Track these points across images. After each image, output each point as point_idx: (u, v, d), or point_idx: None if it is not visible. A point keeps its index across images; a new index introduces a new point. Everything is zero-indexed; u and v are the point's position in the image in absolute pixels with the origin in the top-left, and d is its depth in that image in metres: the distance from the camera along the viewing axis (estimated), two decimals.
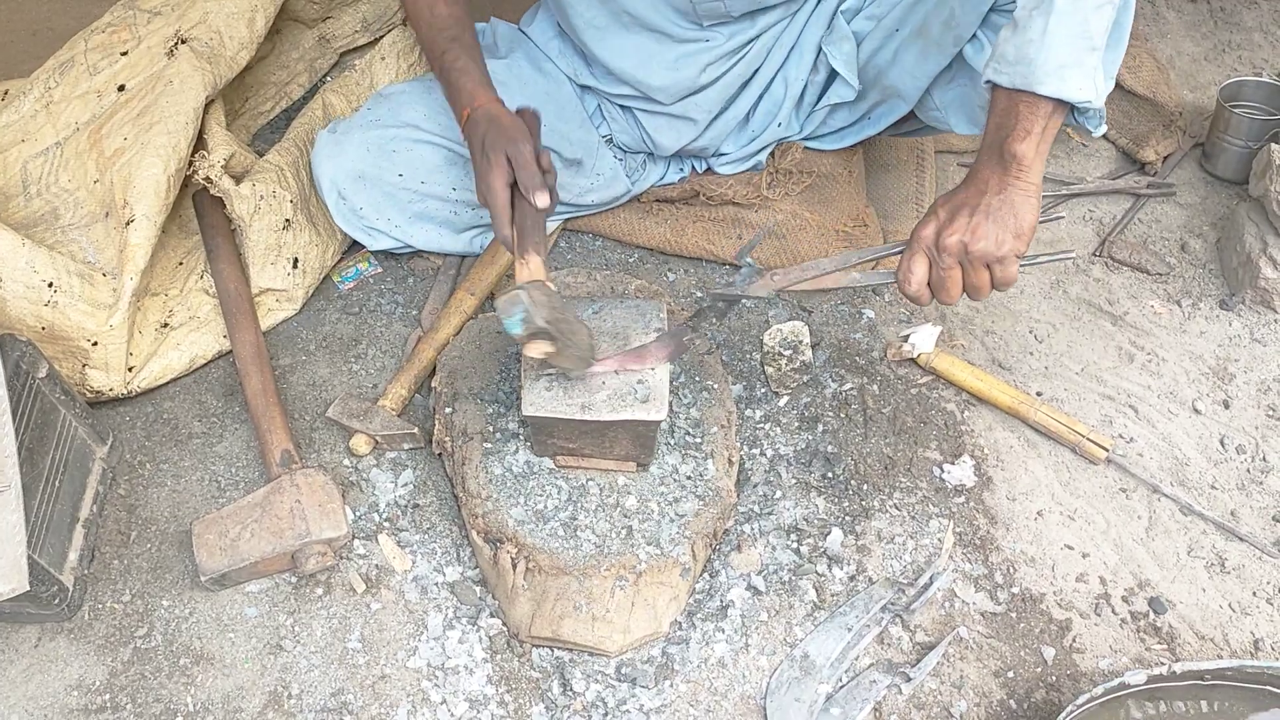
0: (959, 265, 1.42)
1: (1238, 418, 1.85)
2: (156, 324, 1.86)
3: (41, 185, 1.92)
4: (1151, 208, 2.24)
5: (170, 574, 1.62)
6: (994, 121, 1.42)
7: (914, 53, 1.79)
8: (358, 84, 2.22)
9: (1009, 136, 1.38)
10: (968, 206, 1.40)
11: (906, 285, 1.46)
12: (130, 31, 2.01)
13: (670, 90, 1.91)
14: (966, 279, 1.44)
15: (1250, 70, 2.60)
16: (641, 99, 1.96)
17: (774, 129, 2.06)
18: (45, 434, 1.56)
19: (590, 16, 1.85)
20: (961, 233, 1.39)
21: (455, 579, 1.61)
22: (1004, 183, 1.39)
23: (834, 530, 1.65)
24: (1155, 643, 1.57)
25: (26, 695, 1.49)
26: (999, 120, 1.41)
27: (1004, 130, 1.39)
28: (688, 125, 2.00)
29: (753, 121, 2.06)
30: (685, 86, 1.91)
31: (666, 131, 2.01)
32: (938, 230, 1.42)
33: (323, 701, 1.48)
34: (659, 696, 1.47)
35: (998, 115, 1.41)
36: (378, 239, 1.96)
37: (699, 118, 1.98)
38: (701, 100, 1.95)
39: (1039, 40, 1.35)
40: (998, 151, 1.40)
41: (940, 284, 1.44)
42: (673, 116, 1.98)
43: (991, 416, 1.83)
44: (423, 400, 1.85)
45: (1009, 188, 1.39)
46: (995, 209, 1.39)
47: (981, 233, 1.39)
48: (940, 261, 1.42)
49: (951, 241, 1.40)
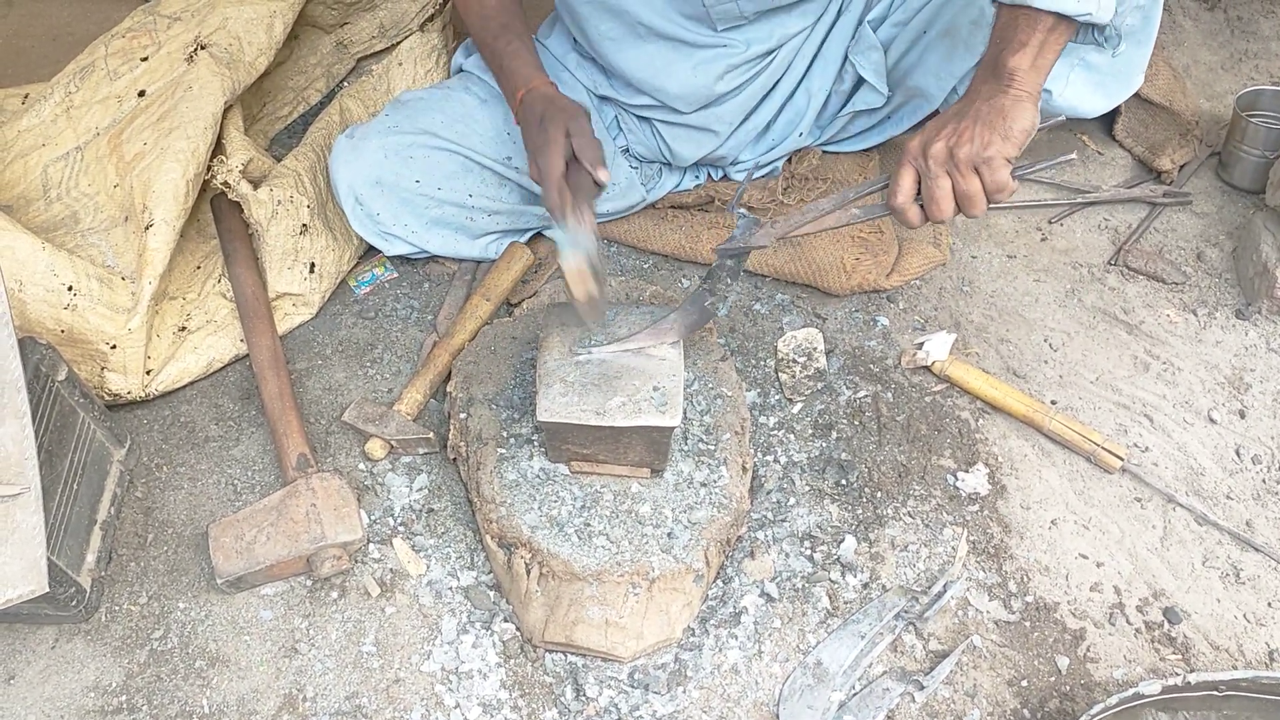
0: (947, 174, 1.38)
1: (1253, 427, 1.84)
2: (174, 327, 1.87)
3: (62, 189, 1.93)
4: (1167, 216, 2.23)
5: (186, 576, 1.63)
6: (993, 38, 1.40)
7: (940, 53, 1.79)
8: (375, 89, 2.23)
9: (1004, 49, 1.37)
10: (955, 116, 1.38)
11: (893, 198, 1.42)
12: (150, 37, 2.03)
13: (688, 98, 1.92)
14: (956, 187, 1.38)
15: (1267, 79, 2.59)
16: (661, 109, 1.96)
17: (794, 139, 2.06)
18: (64, 436, 1.57)
19: (605, 29, 1.86)
20: (947, 138, 1.36)
21: (469, 584, 1.61)
22: (994, 90, 1.37)
23: (848, 537, 1.65)
24: (1170, 653, 1.56)
25: (44, 696, 1.50)
26: (997, 35, 1.39)
27: (1000, 44, 1.38)
28: (709, 136, 2.00)
29: (772, 131, 2.06)
30: (703, 94, 1.91)
31: (686, 142, 2.02)
32: (925, 140, 1.38)
33: (337, 705, 1.49)
34: (672, 702, 1.48)
35: (997, 31, 1.40)
36: (394, 244, 1.97)
37: (720, 129, 1.99)
38: (722, 112, 1.96)
39: None
40: (992, 65, 1.38)
41: (929, 196, 1.39)
42: (693, 128, 1.99)
43: (1006, 425, 1.83)
44: (438, 405, 1.85)
45: (998, 95, 1.36)
46: (983, 114, 1.36)
47: (967, 135, 1.35)
48: (928, 171, 1.38)
49: (937, 148, 1.36)
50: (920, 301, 2.03)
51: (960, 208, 1.39)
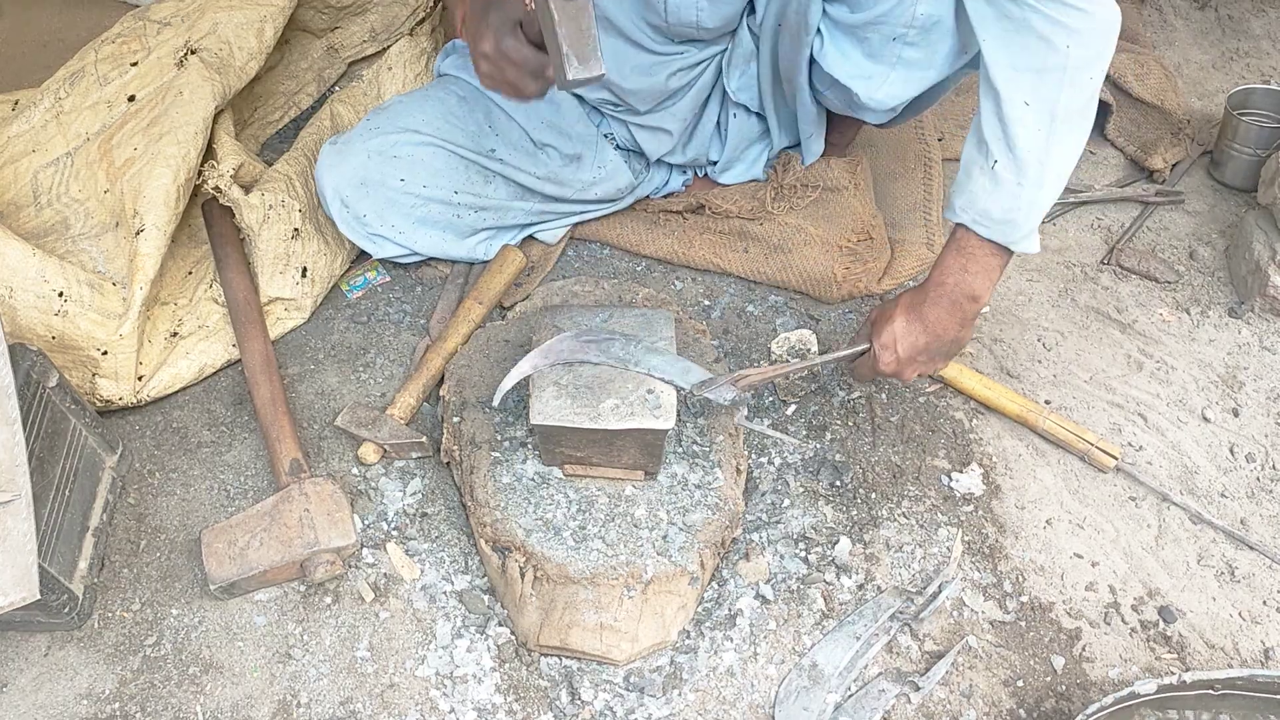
0: None
1: (1247, 425, 1.84)
2: (166, 333, 1.87)
3: (52, 195, 1.93)
4: (1160, 215, 2.24)
5: (179, 583, 1.63)
6: (956, 261, 1.55)
7: (786, 42, 1.83)
8: (365, 94, 2.23)
9: (974, 282, 1.54)
10: (925, 353, 1.61)
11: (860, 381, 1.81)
12: (140, 42, 2.02)
13: (643, 95, 1.95)
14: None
15: (1258, 78, 2.59)
16: (622, 108, 1.99)
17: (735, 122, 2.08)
18: (55, 443, 1.56)
19: None
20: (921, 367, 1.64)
21: (463, 588, 1.61)
22: (963, 324, 1.59)
23: (842, 539, 1.65)
24: (1165, 652, 1.56)
25: (36, 704, 1.50)
26: (963, 262, 1.55)
27: (969, 271, 1.54)
28: (664, 136, 2.04)
29: (727, 128, 2.08)
30: (657, 91, 1.95)
31: (648, 140, 2.05)
32: (902, 363, 1.61)
33: (331, 710, 1.48)
34: (667, 705, 1.47)
35: (962, 256, 1.55)
36: (383, 245, 1.96)
37: (673, 128, 2.03)
38: (676, 110, 2.00)
39: (1026, 209, 1.48)
40: (960, 294, 1.55)
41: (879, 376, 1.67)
42: (650, 128, 2.02)
43: (1000, 425, 1.83)
44: (431, 409, 1.85)
45: (965, 329, 1.60)
46: (949, 351, 1.62)
47: (933, 365, 1.65)
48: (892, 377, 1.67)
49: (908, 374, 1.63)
50: None
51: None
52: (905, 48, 1.69)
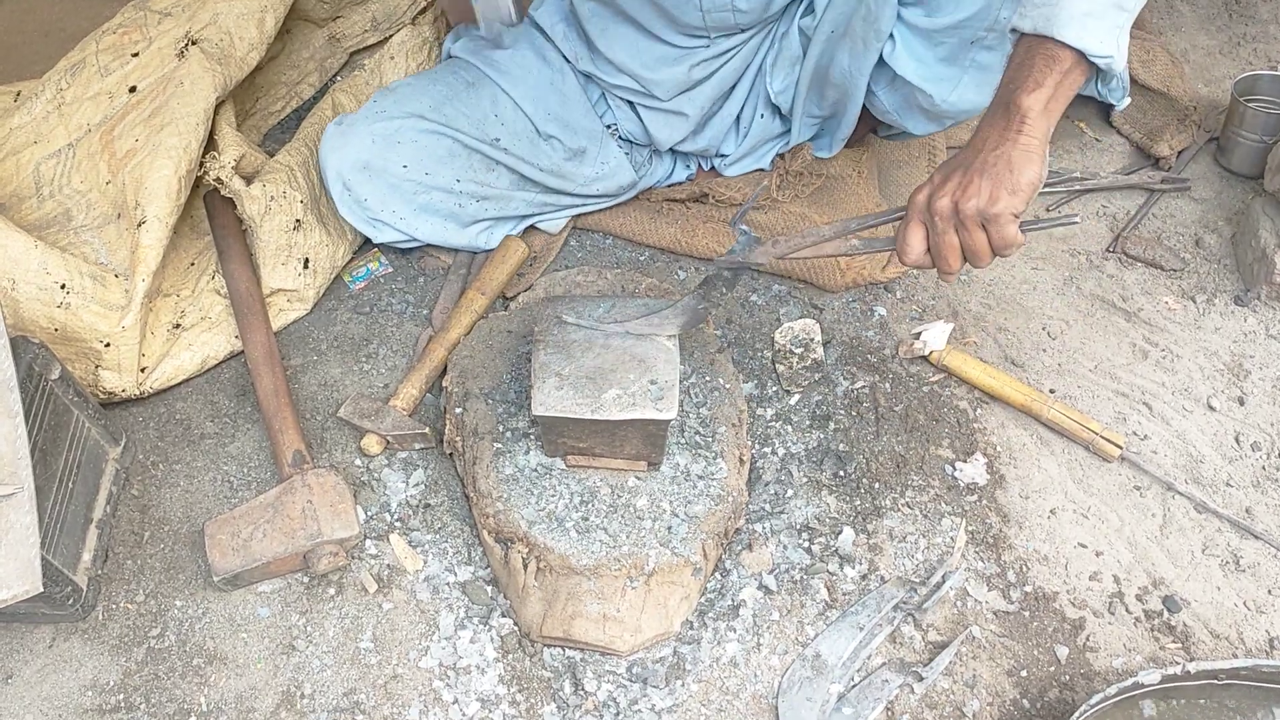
0: (954, 229, 1.33)
1: (1253, 414, 1.84)
2: (168, 325, 1.87)
3: (54, 187, 1.93)
4: (1165, 203, 2.22)
5: (183, 574, 1.63)
6: (1008, 74, 1.34)
7: (846, 50, 1.83)
8: (367, 83, 2.23)
9: (1019, 88, 1.30)
10: (961, 166, 1.32)
11: (905, 256, 1.37)
12: (141, 33, 2.02)
13: (667, 85, 1.95)
14: (963, 243, 1.34)
15: (1265, 64, 2.58)
16: (641, 94, 1.99)
17: (766, 128, 2.07)
18: (58, 435, 1.56)
19: (594, 6, 1.90)
20: (953, 193, 1.31)
21: (467, 579, 1.61)
22: (1003, 138, 1.30)
23: (846, 529, 1.65)
24: (1169, 642, 1.56)
25: (41, 696, 1.50)
26: (1012, 72, 1.33)
27: (1014, 82, 1.31)
28: (680, 120, 2.03)
29: (744, 122, 2.08)
30: (680, 82, 1.95)
31: (662, 127, 2.04)
32: (930, 194, 1.34)
33: (335, 701, 1.49)
34: (670, 696, 1.47)
35: (1012, 67, 1.33)
36: (383, 231, 1.96)
37: (690, 112, 2.02)
38: (695, 95, 1.99)
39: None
40: (1004, 104, 1.31)
41: (937, 251, 1.35)
42: (667, 112, 2.02)
43: (1004, 414, 1.82)
44: (434, 400, 1.85)
45: (1006, 143, 1.30)
46: (989, 165, 1.30)
47: (972, 190, 1.29)
48: (934, 226, 1.34)
49: (943, 204, 1.31)
50: (918, 291, 2.03)
51: (968, 260, 1.36)
52: (981, 51, 1.67)
